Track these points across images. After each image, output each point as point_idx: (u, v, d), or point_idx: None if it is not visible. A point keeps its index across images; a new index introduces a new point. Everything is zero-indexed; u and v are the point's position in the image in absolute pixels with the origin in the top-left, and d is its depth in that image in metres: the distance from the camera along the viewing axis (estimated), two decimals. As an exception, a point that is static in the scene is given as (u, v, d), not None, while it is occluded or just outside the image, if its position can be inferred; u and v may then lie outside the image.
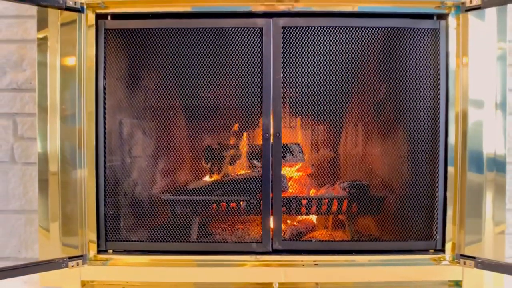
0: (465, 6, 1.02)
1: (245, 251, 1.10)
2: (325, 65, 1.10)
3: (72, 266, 1.03)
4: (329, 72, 1.10)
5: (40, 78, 1.05)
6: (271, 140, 1.09)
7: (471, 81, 1.06)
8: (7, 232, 1.11)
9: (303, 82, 1.10)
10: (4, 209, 1.11)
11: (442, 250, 1.09)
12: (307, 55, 1.09)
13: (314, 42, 1.09)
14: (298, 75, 1.09)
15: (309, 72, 1.09)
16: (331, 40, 1.09)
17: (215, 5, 1.07)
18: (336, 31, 1.08)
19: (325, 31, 1.08)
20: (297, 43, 1.08)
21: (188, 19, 1.09)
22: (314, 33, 1.08)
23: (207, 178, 1.22)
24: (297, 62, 1.09)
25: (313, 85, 1.10)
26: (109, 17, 1.09)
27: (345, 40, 1.09)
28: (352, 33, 1.09)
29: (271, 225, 1.10)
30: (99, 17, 1.08)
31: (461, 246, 1.07)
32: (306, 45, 1.08)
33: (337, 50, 1.09)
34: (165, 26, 1.09)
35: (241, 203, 1.14)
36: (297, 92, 1.11)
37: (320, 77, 1.10)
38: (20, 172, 1.11)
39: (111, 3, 1.06)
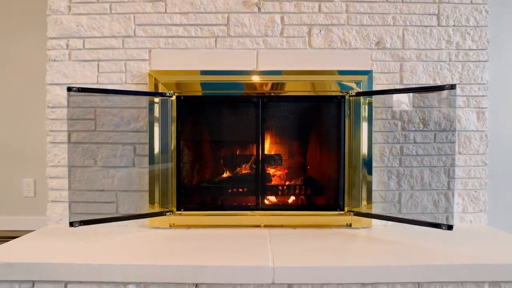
0: (350, 94, 2.18)
1: (247, 209, 2.25)
2: (285, 119, 2.27)
3: (167, 215, 2.19)
4: (287, 122, 2.27)
5: (150, 125, 2.21)
6: (260, 156, 2.25)
7: (354, 123, 2.20)
8: (131, 202, 2.27)
9: (275, 127, 2.27)
10: (129, 189, 2.27)
11: (343, 210, 2.23)
12: (277, 114, 2.26)
13: (281, 109, 2.26)
14: (273, 124, 2.26)
15: (277, 123, 2.27)
16: (288, 108, 2.26)
17: (230, 92, 2.24)
18: (289, 106, 2.26)
19: (284, 106, 2.26)
20: (272, 109, 2.25)
21: (220, 98, 2.27)
22: (280, 106, 2.25)
23: (225, 175, 2.37)
24: (272, 118, 2.25)
25: (280, 128, 2.28)
26: (182, 97, 2.26)
27: (295, 108, 2.27)
28: (298, 105, 2.26)
29: (260, 197, 2.26)
30: (178, 97, 2.25)
31: (351, 208, 2.21)
32: (277, 110, 2.26)
33: (291, 112, 2.26)
34: (206, 100, 2.28)
35: (245, 189, 2.30)
36: (272, 132, 2.28)
37: (283, 124, 2.27)
38: (137, 171, 2.27)
39: (183, 91, 2.23)
